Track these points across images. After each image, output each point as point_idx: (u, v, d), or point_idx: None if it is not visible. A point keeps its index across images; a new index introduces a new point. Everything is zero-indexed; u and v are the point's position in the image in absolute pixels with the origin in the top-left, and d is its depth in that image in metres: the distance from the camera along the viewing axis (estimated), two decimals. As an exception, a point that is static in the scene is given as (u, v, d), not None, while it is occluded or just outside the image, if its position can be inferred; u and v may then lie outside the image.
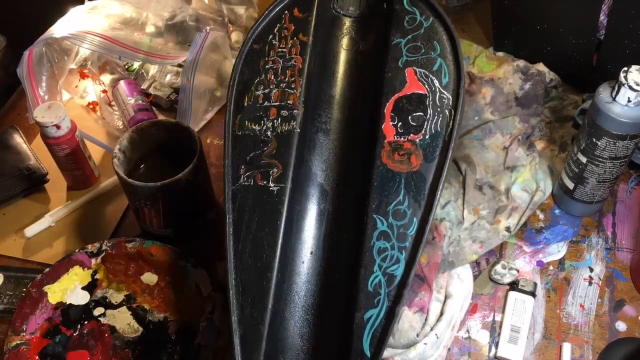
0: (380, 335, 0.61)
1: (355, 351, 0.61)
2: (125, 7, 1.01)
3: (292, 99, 0.71)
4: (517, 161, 0.87)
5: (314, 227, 0.69)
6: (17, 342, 0.73)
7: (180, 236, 0.83)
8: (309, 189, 0.70)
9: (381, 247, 0.64)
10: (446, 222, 0.81)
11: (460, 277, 0.78)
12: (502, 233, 0.82)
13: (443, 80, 0.70)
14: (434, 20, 0.73)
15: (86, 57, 1.03)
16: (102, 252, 0.79)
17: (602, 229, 0.84)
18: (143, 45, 0.96)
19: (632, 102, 0.71)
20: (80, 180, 0.91)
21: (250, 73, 0.73)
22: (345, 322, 0.63)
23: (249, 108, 0.71)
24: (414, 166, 0.67)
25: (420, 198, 0.65)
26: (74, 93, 1.03)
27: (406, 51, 0.72)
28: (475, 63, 0.98)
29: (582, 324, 0.76)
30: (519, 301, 0.77)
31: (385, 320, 0.62)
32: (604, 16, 0.85)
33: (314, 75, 0.73)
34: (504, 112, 0.93)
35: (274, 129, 0.70)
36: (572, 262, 0.81)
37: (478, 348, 0.75)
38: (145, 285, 0.79)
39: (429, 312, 0.74)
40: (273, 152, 0.68)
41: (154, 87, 1.02)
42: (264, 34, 0.75)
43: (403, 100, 0.70)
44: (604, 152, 0.75)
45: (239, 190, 0.67)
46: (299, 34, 0.74)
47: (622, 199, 0.87)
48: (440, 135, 0.68)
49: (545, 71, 0.95)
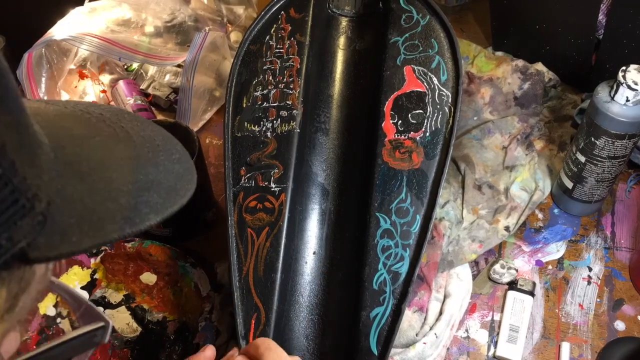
0: (387, 333, 0.61)
1: (362, 350, 0.61)
2: (125, 9, 1.00)
3: (291, 99, 0.71)
4: (516, 161, 0.87)
5: (316, 227, 0.69)
6: (16, 341, 0.73)
7: (179, 236, 0.83)
8: (310, 189, 0.70)
9: (385, 245, 0.64)
10: (445, 222, 0.81)
11: (459, 276, 0.78)
12: (501, 232, 0.82)
13: (442, 78, 0.70)
14: (430, 18, 0.73)
15: (85, 58, 1.03)
16: (101, 251, 0.79)
17: (601, 229, 0.84)
18: (142, 46, 0.96)
19: (631, 101, 0.71)
20: (80, 180, 0.91)
21: (249, 74, 0.73)
22: (350, 321, 0.63)
23: (248, 109, 0.71)
24: (415, 164, 0.67)
25: (422, 195, 0.65)
26: (73, 93, 1.03)
27: (404, 49, 0.72)
28: (474, 63, 0.98)
29: (581, 324, 0.76)
30: (517, 301, 0.77)
31: (392, 318, 0.62)
32: (602, 16, 0.85)
33: (312, 75, 0.74)
34: (503, 111, 0.93)
35: (273, 130, 0.70)
36: (571, 261, 0.81)
37: (477, 347, 0.75)
38: (144, 285, 0.79)
39: (428, 312, 0.74)
40: (273, 153, 0.68)
41: (153, 87, 1.02)
42: (261, 35, 0.76)
43: (402, 98, 0.70)
44: (603, 152, 0.75)
45: (240, 191, 0.67)
46: (296, 34, 0.75)
47: (621, 199, 0.87)
48: (441, 132, 0.68)
49: (544, 71, 0.95)
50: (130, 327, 0.77)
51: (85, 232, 0.30)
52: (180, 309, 0.77)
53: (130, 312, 0.78)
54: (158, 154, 0.38)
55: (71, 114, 0.38)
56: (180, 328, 0.76)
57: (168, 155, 0.39)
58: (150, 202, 0.34)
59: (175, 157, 0.39)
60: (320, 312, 0.66)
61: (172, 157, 0.39)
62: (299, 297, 0.66)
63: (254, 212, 0.66)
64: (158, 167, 0.37)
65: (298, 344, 0.65)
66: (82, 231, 0.30)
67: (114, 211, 0.32)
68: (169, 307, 0.78)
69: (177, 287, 0.78)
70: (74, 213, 0.31)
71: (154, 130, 0.41)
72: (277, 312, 0.63)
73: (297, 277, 0.66)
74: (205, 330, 0.73)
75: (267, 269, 0.64)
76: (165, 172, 0.37)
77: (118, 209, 0.32)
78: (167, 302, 0.78)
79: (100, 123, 0.38)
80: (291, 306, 0.66)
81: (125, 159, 0.36)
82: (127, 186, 0.34)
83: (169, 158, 0.38)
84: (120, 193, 0.33)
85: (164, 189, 0.36)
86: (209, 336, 0.72)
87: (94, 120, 0.38)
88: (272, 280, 0.63)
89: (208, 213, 0.86)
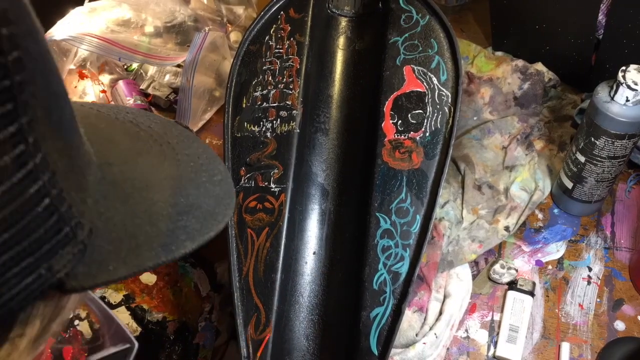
0: (387, 333, 0.62)
1: (362, 350, 0.61)
2: (124, 9, 1.00)
3: (290, 99, 0.71)
4: (516, 161, 0.87)
5: (316, 227, 0.69)
6: (16, 342, 0.73)
7: (179, 236, 0.83)
8: (310, 189, 0.70)
9: (385, 245, 0.64)
10: (445, 222, 0.81)
11: (459, 276, 0.78)
12: (501, 232, 0.82)
13: (441, 78, 0.70)
14: (430, 18, 0.73)
15: (85, 58, 1.03)
16: (100, 252, 0.79)
17: (601, 229, 0.84)
18: (142, 46, 0.96)
19: (631, 101, 0.71)
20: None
21: (248, 74, 0.73)
22: (350, 321, 0.63)
23: (248, 109, 0.71)
24: (415, 164, 0.67)
25: (422, 195, 0.66)
26: (73, 94, 1.03)
27: (404, 49, 0.72)
28: (474, 63, 0.98)
29: (580, 324, 0.76)
30: (517, 301, 0.77)
31: (392, 318, 0.62)
32: (602, 16, 0.85)
33: (312, 76, 0.74)
34: (502, 111, 0.93)
35: (273, 130, 0.70)
36: (570, 261, 0.81)
37: (477, 347, 0.75)
38: (143, 285, 0.79)
39: (428, 312, 0.74)
40: (273, 153, 0.68)
41: (152, 87, 1.02)
42: (260, 35, 0.75)
43: (402, 98, 0.70)
44: (603, 152, 0.75)
45: (240, 192, 0.67)
46: (296, 35, 0.75)
47: (621, 199, 0.87)
48: (441, 132, 0.68)
49: (544, 71, 0.95)
50: (130, 327, 0.77)
51: (122, 260, 0.29)
52: (180, 309, 0.77)
53: (130, 312, 0.78)
54: (200, 175, 0.36)
55: (121, 126, 0.37)
56: (180, 328, 0.76)
57: (210, 177, 0.36)
58: (187, 227, 0.33)
59: (217, 178, 0.37)
60: (320, 312, 0.66)
61: (214, 178, 0.37)
62: (299, 297, 0.66)
63: (253, 212, 0.66)
64: (199, 189, 0.35)
65: (298, 344, 0.65)
66: (119, 259, 0.29)
67: (152, 237, 0.31)
68: (169, 307, 0.78)
69: (177, 287, 0.78)
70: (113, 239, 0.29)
71: (199, 148, 0.39)
72: (277, 313, 0.63)
73: (297, 278, 0.66)
74: (205, 330, 0.73)
75: (267, 269, 0.64)
76: (205, 195, 0.35)
77: (156, 235, 0.31)
78: (167, 302, 0.78)
79: (148, 138, 0.36)
80: (291, 306, 0.66)
81: (167, 179, 0.34)
82: (167, 209, 0.32)
83: (211, 179, 0.36)
84: (160, 217, 0.32)
85: (202, 213, 0.34)
86: (208, 336, 0.72)
87: (143, 134, 0.37)
88: (272, 280, 0.63)
89: (208, 213, 0.86)
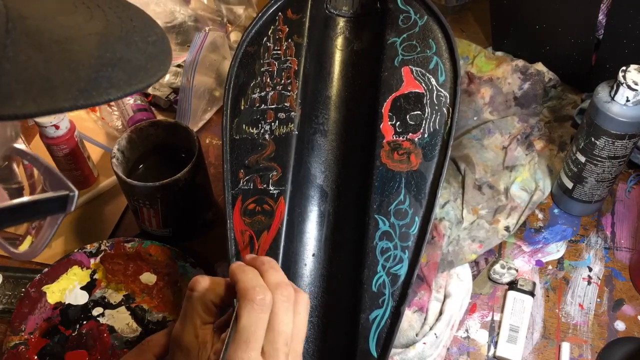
0: (386, 336, 0.62)
1: (361, 352, 0.61)
2: (125, 8, 1.01)
3: (289, 101, 0.71)
4: (516, 161, 0.87)
5: (315, 229, 0.69)
6: (16, 342, 0.73)
7: (179, 236, 0.83)
8: (309, 191, 0.70)
9: (384, 247, 0.64)
10: (445, 222, 0.81)
11: (459, 276, 0.78)
12: (501, 232, 0.82)
13: (440, 79, 0.70)
14: (428, 19, 0.73)
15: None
16: (100, 252, 0.80)
17: (601, 229, 0.84)
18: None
19: (631, 101, 0.70)
20: (79, 180, 0.91)
21: (246, 76, 0.73)
22: (349, 323, 0.63)
23: (246, 111, 0.71)
24: (414, 165, 0.67)
25: (421, 197, 0.65)
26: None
27: (402, 50, 0.72)
28: (474, 63, 0.98)
29: (581, 324, 0.76)
30: (517, 301, 0.77)
31: (391, 320, 0.62)
32: (602, 16, 0.85)
33: (310, 77, 0.73)
34: (503, 111, 0.93)
35: (271, 132, 0.70)
36: (571, 261, 0.81)
37: (477, 347, 0.75)
38: (144, 285, 0.79)
39: (428, 312, 0.74)
40: (272, 155, 0.68)
41: (152, 87, 1.02)
42: (258, 37, 0.75)
43: (400, 100, 0.70)
44: (603, 152, 0.75)
45: (239, 194, 0.67)
46: (294, 36, 0.74)
47: (621, 199, 0.87)
48: (439, 133, 0.68)
49: (544, 71, 0.94)
50: (130, 327, 0.77)
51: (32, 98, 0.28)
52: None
53: (130, 312, 0.78)
54: (132, 34, 0.36)
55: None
56: (180, 328, 0.76)
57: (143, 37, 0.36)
58: (113, 77, 0.32)
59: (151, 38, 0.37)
60: (319, 314, 0.66)
61: (148, 38, 0.36)
62: (298, 298, 0.66)
63: (253, 214, 0.66)
64: (129, 47, 0.35)
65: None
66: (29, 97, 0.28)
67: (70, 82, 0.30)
68: (169, 307, 0.78)
69: (177, 287, 0.78)
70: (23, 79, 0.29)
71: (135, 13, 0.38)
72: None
73: (297, 279, 0.66)
74: (204, 331, 0.73)
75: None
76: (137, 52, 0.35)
77: (75, 80, 0.31)
78: (167, 302, 0.78)
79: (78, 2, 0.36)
80: (290, 308, 0.66)
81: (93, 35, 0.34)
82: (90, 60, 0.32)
83: (144, 39, 0.36)
84: (80, 65, 0.31)
85: (131, 67, 0.34)
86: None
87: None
88: None
89: (208, 213, 0.86)
